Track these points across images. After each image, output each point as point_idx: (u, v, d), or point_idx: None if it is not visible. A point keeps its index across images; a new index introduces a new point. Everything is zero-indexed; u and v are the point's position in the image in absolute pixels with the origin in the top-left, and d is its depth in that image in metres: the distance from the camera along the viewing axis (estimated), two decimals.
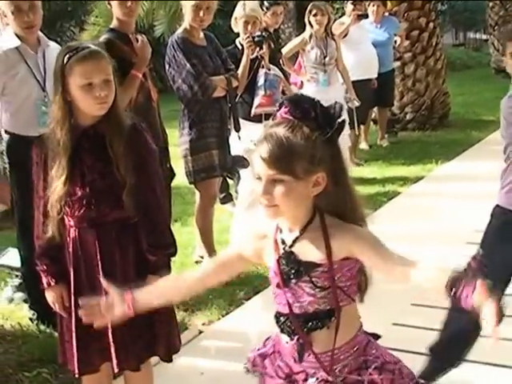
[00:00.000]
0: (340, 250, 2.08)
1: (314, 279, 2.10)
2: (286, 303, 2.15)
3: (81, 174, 2.83)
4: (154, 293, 2.39)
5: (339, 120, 2.06)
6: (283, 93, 6.37)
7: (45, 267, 2.97)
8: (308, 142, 2.01)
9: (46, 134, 2.91)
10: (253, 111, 5.89)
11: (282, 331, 2.19)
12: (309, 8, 7.65)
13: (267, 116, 6.00)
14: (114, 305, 2.29)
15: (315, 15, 7.56)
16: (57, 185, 2.82)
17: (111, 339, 2.86)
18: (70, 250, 2.91)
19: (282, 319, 2.18)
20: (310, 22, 7.64)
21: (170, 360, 3.08)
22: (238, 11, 5.94)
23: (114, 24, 4.72)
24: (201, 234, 5.35)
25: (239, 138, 5.53)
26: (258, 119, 5.93)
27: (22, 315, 4.55)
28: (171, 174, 4.84)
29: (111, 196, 2.84)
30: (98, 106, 2.81)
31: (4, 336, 4.32)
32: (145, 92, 4.60)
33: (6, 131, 4.33)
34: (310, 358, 2.16)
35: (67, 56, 2.77)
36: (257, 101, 5.89)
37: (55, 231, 2.90)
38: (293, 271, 2.11)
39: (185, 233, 6.13)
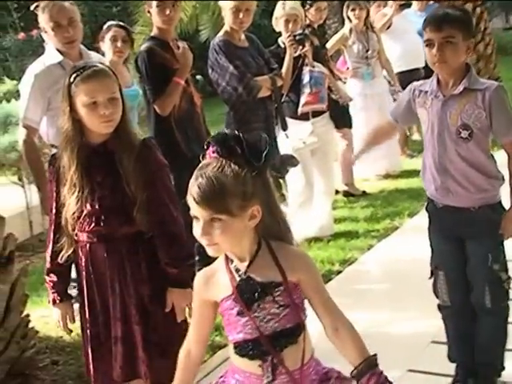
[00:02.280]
0: (291, 273, 2.15)
1: (276, 298, 2.15)
2: (255, 327, 2.16)
3: (91, 190, 2.88)
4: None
5: (265, 152, 2.08)
6: (329, 89, 6.34)
7: (52, 284, 3.05)
8: (238, 179, 2.05)
9: (58, 152, 2.97)
10: (299, 110, 5.87)
11: (253, 357, 2.19)
12: (346, 3, 7.63)
13: (314, 114, 6.00)
14: None
15: (353, 10, 7.53)
16: (69, 202, 2.88)
17: (141, 354, 2.94)
18: (83, 265, 2.97)
19: (251, 345, 2.18)
20: (348, 17, 7.63)
21: None
22: (278, 10, 5.94)
23: (154, 32, 4.76)
24: None
25: (287, 136, 5.50)
26: (305, 117, 5.92)
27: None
28: None
29: (121, 212, 2.88)
30: (104, 125, 2.85)
31: (63, 347, 4.39)
32: (188, 98, 4.62)
33: (52, 145, 4.39)
34: (282, 376, 2.18)
35: (73, 75, 2.83)
36: (303, 99, 5.87)
37: (69, 247, 2.95)
38: (256, 294, 2.15)
39: None
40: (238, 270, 2.19)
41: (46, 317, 4.68)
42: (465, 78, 3.15)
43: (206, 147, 2.14)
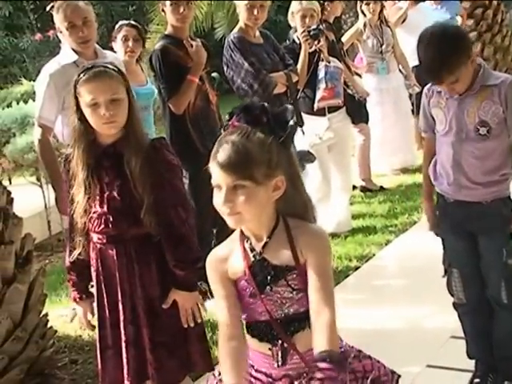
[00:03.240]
0: (303, 253, 2.09)
1: (290, 282, 2.10)
2: (265, 310, 2.13)
3: (100, 191, 2.88)
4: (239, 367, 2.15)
5: (291, 123, 2.07)
6: (345, 84, 6.31)
7: (72, 282, 3.07)
8: (263, 146, 2.03)
9: (69, 152, 2.98)
10: (316, 105, 5.84)
11: (262, 339, 2.17)
12: None
13: (330, 109, 5.97)
14: None
15: (368, 4, 7.50)
16: (78, 201, 2.90)
17: (149, 356, 2.93)
18: (94, 266, 2.98)
19: (262, 327, 2.16)
20: (362, 12, 7.59)
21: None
22: (295, 5, 5.92)
23: (168, 30, 4.77)
24: None
25: (303, 132, 5.48)
26: (321, 113, 5.90)
27: None
28: None
29: (129, 213, 2.87)
30: (106, 126, 2.85)
31: (82, 346, 4.40)
32: (203, 96, 4.62)
33: (68, 145, 4.40)
34: (294, 359, 2.15)
35: (80, 75, 2.85)
36: (319, 94, 5.85)
37: (78, 247, 2.96)
38: (269, 277, 2.11)
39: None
40: (252, 250, 2.15)
41: (64, 316, 4.70)
42: (479, 76, 3.08)
43: (229, 117, 2.11)
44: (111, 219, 2.88)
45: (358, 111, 6.76)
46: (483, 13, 10.63)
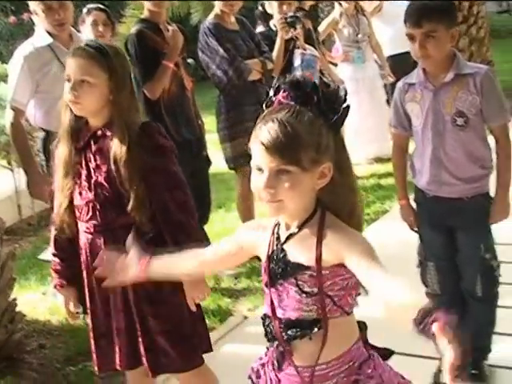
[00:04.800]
0: (331, 254, 1.86)
1: (299, 282, 1.89)
2: (269, 304, 1.97)
3: (87, 176, 2.78)
4: (170, 261, 2.23)
5: (344, 105, 1.86)
6: (321, 72, 6.31)
7: (55, 268, 2.98)
8: (313, 128, 1.81)
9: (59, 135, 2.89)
10: None
11: (266, 335, 2.02)
12: None
13: None
14: (130, 265, 2.21)
15: None
16: (63, 186, 2.81)
17: (144, 344, 2.84)
18: (83, 256, 2.88)
19: (267, 321, 2.00)
20: (338, 1, 7.56)
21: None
22: None
23: (145, 14, 4.73)
24: (242, 220, 5.32)
25: None
26: None
27: None
28: (208, 163, 4.84)
29: (118, 201, 2.74)
30: (72, 106, 2.77)
31: (51, 331, 4.37)
32: (178, 82, 4.59)
33: (41, 128, 4.36)
34: (290, 369, 1.98)
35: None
36: None
37: (66, 233, 2.88)
38: (280, 270, 1.93)
39: (229, 218, 6.12)
40: (278, 238, 1.97)
41: (33, 301, 4.68)
42: (453, 65, 3.09)
43: (275, 92, 1.89)
44: (98, 207, 2.76)
45: None
46: (459, 4, 10.68)
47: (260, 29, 5.92)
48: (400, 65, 7.72)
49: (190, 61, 5.32)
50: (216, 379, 3.05)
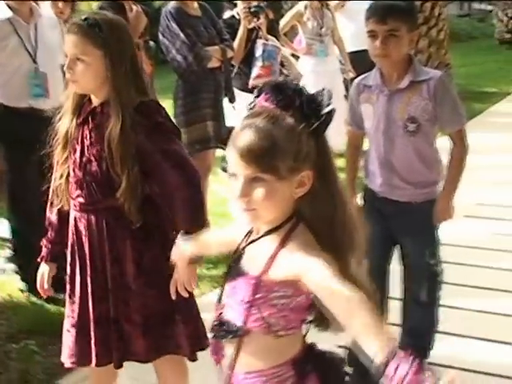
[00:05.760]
0: (281, 269, 1.76)
1: (237, 289, 1.85)
2: (220, 298, 1.93)
3: (81, 153, 2.69)
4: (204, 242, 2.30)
5: (327, 109, 1.76)
6: (282, 64, 6.32)
7: (46, 239, 2.90)
8: (293, 134, 1.73)
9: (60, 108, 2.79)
10: (250, 82, 5.84)
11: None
12: None
13: None
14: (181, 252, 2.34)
15: None
16: (58, 161, 2.75)
17: (120, 334, 2.74)
18: (70, 233, 2.80)
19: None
20: None
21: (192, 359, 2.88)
22: None
23: None
24: None
25: (234, 108, 5.47)
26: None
27: (13, 287, 4.54)
28: None
29: (106, 182, 2.64)
30: (70, 83, 2.69)
31: None
32: None
33: None
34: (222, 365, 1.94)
35: None
36: (255, 72, 5.85)
37: (64, 206, 2.79)
38: (231, 270, 1.89)
39: None
40: (247, 237, 1.93)
41: None
42: (409, 71, 3.08)
43: (257, 95, 1.81)
44: (85, 185, 2.67)
45: None
46: (421, 5, 10.78)
47: (227, 14, 5.90)
48: (361, 61, 7.77)
49: (151, 43, 5.29)
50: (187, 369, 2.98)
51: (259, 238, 1.86)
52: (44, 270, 2.91)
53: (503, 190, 6.20)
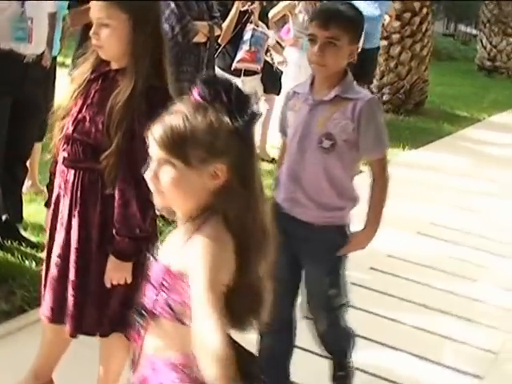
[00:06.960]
0: (183, 262, 1.80)
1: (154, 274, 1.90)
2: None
3: (79, 110, 2.67)
4: None
5: (252, 111, 1.80)
6: (266, 52, 6.33)
7: (50, 185, 2.89)
8: (210, 128, 1.77)
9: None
10: (234, 65, 5.85)
11: None
12: None
13: (247, 72, 5.98)
14: None
15: None
16: (60, 114, 2.75)
17: (70, 299, 2.72)
18: (55, 184, 2.80)
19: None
20: None
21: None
22: None
23: None
24: None
25: None
26: (237, 73, 5.91)
27: None
28: None
29: (90, 145, 2.63)
30: (96, 49, 2.67)
31: None
32: None
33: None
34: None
35: None
36: (240, 55, 5.86)
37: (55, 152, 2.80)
38: (155, 252, 1.94)
39: None
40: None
41: None
42: (339, 84, 2.90)
43: (194, 86, 1.84)
44: (71, 141, 2.66)
45: (272, 81, 6.78)
46: (411, 18, 10.86)
47: None
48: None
49: None
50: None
51: (175, 229, 1.90)
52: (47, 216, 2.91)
53: (458, 214, 6.29)
